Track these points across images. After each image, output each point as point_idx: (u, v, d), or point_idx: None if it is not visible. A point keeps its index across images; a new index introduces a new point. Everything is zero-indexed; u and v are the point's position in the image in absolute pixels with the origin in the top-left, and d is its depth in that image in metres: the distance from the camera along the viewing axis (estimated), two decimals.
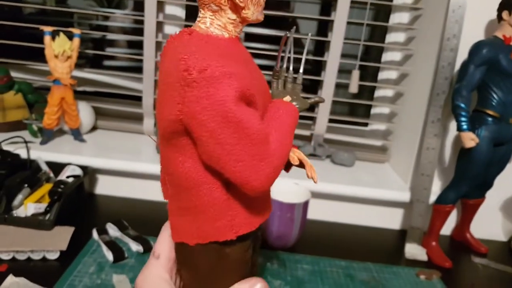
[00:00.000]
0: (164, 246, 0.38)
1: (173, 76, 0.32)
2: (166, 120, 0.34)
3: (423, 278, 0.77)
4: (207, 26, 0.36)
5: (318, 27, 1.17)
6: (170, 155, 0.35)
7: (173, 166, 0.35)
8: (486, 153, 0.80)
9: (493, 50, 0.78)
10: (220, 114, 0.31)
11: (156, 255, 0.36)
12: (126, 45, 1.21)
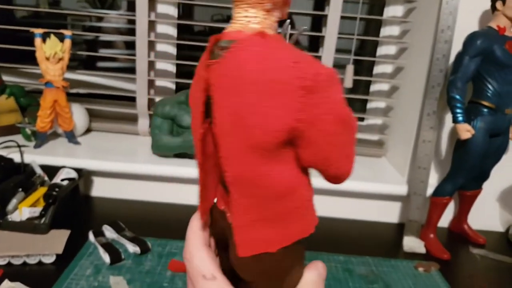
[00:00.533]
0: (212, 265, 0.33)
1: (270, 85, 0.30)
2: (273, 131, 0.30)
3: (422, 271, 0.77)
4: (263, 26, 0.34)
5: (312, 23, 1.16)
6: (262, 168, 0.33)
7: (265, 178, 0.32)
8: (482, 144, 0.80)
9: (488, 41, 0.77)
10: (338, 116, 0.30)
11: (210, 277, 0.32)
12: (119, 46, 1.20)
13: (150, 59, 1.02)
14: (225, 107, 0.30)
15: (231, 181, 0.32)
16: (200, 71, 0.31)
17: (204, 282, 0.32)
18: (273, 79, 0.30)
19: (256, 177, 0.32)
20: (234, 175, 0.32)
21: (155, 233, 0.80)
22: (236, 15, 0.32)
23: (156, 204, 0.95)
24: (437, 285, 0.73)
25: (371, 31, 1.15)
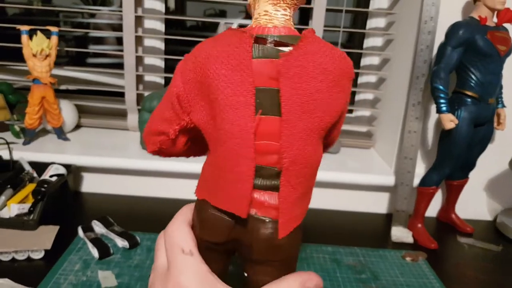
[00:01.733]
0: (191, 242, 0.33)
1: (334, 74, 0.33)
2: (332, 117, 0.35)
3: (409, 260, 0.78)
4: (292, 23, 0.36)
5: (299, 16, 1.16)
6: (317, 149, 0.35)
7: (315, 158, 0.35)
8: (466, 133, 0.81)
9: (469, 31, 0.78)
10: None
11: (187, 252, 0.32)
12: (109, 42, 1.20)
13: (138, 54, 1.02)
14: (296, 94, 0.32)
15: (288, 165, 0.33)
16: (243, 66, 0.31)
17: (182, 256, 0.32)
18: (339, 68, 0.34)
19: (308, 157, 0.34)
20: (292, 159, 0.33)
21: (144, 227, 0.81)
22: (274, 12, 0.34)
23: (145, 198, 0.95)
24: (424, 274, 0.74)
25: (359, 23, 1.15)
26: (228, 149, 0.32)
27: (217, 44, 0.32)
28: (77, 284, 0.63)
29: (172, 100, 0.34)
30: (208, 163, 0.35)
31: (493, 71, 0.79)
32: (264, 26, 0.33)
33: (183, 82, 0.33)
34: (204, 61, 0.32)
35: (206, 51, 0.32)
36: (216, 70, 0.31)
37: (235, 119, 0.31)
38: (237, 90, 0.31)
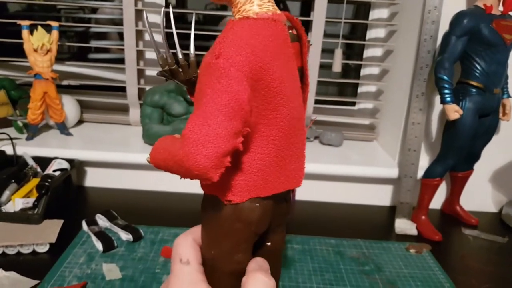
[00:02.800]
0: (190, 253, 0.35)
1: None
2: None
3: (413, 252, 0.78)
4: None
5: (301, 8, 1.15)
6: None
7: None
8: (471, 124, 0.80)
9: (474, 20, 0.77)
10: None
11: (184, 261, 0.34)
12: (111, 37, 1.20)
13: (139, 48, 1.02)
14: (307, 69, 0.37)
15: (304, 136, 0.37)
16: (288, 49, 0.34)
17: (179, 265, 0.34)
18: None
19: None
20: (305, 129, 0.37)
21: (147, 221, 0.81)
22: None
23: (148, 192, 0.95)
24: (429, 266, 0.74)
25: (361, 15, 1.14)
26: (286, 128, 0.34)
27: (258, 37, 0.31)
28: (82, 276, 0.63)
29: (242, 107, 0.31)
30: (255, 159, 0.34)
31: (499, 60, 0.78)
32: (275, 13, 0.33)
33: (249, 84, 0.31)
34: (256, 57, 0.31)
35: (253, 46, 0.31)
36: (269, 62, 0.31)
37: (291, 101, 0.33)
38: (290, 76, 0.33)
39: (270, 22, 0.32)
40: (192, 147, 0.29)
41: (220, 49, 0.30)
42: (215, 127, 0.29)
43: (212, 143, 0.29)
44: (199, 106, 0.30)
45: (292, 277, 0.67)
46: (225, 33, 0.31)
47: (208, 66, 0.30)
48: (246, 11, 0.33)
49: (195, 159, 0.29)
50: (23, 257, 0.68)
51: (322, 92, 1.17)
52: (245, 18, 0.32)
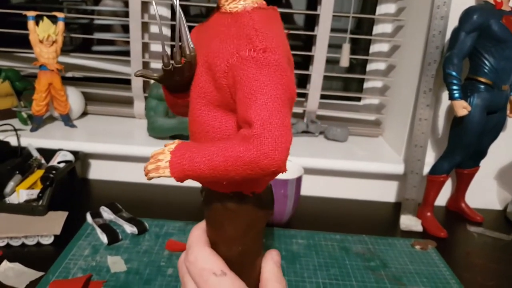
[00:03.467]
0: (219, 262, 0.32)
1: None
2: None
3: (418, 248, 0.78)
4: None
5: (307, 2, 1.15)
6: None
7: None
8: (479, 121, 0.80)
9: (484, 16, 0.76)
10: None
11: (220, 273, 0.31)
12: (116, 29, 1.19)
13: (144, 40, 1.01)
14: None
15: None
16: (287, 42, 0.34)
17: (215, 279, 0.31)
18: None
19: None
20: None
21: (152, 214, 0.81)
22: None
23: (153, 185, 0.95)
24: (434, 262, 0.74)
25: (368, 9, 1.13)
26: None
27: (279, 26, 0.32)
28: (87, 269, 0.63)
29: (293, 96, 0.31)
30: None
31: (508, 57, 0.77)
32: (265, 3, 0.34)
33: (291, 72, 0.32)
34: (286, 46, 0.32)
35: (281, 36, 0.32)
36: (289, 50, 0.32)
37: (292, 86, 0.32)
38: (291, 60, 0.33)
39: (275, 11, 0.33)
40: (269, 145, 0.28)
41: (261, 42, 0.30)
42: (283, 120, 0.29)
43: (285, 136, 0.29)
44: (255, 102, 0.29)
45: (297, 272, 0.67)
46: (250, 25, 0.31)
47: (254, 61, 0.30)
48: (244, 0, 0.33)
49: (273, 156, 0.28)
50: (27, 249, 0.68)
51: (327, 87, 1.16)
52: (257, 9, 0.32)
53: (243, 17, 0.31)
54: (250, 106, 0.29)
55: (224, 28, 0.33)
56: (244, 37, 0.30)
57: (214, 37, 0.33)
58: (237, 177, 0.30)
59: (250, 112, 0.29)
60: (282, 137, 0.29)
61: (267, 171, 0.29)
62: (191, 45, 0.34)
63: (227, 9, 0.33)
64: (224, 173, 0.30)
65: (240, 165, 0.29)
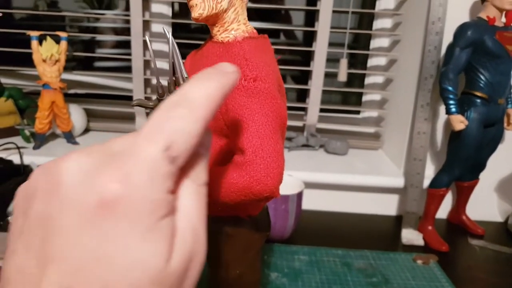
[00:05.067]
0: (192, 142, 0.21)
1: None
2: None
3: (420, 263, 0.78)
4: None
5: (305, 18, 1.16)
6: None
7: None
8: (476, 135, 0.80)
9: (478, 32, 0.77)
10: None
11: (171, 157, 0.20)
12: (115, 45, 1.21)
13: (146, 58, 1.03)
14: None
15: None
16: None
17: None
18: None
19: None
20: None
21: None
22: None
23: None
24: (436, 277, 0.74)
25: (364, 24, 1.15)
26: None
27: (269, 54, 0.34)
28: None
29: (284, 122, 0.32)
30: None
31: (503, 71, 0.79)
32: (255, 32, 0.35)
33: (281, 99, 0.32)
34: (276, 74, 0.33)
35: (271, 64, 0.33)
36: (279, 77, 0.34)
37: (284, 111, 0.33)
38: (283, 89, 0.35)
39: (265, 39, 0.34)
40: (262, 171, 0.29)
41: (252, 71, 0.31)
42: (275, 146, 0.30)
43: (277, 162, 0.30)
44: (247, 130, 0.30)
45: None
46: (241, 55, 0.32)
47: (245, 90, 0.31)
48: (235, 29, 0.34)
49: (266, 182, 0.29)
50: None
51: (326, 100, 1.18)
52: (247, 38, 0.33)
53: (234, 47, 0.32)
54: (242, 134, 0.30)
55: (216, 57, 0.34)
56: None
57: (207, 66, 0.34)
58: (231, 203, 0.30)
59: (242, 139, 0.30)
60: (274, 163, 0.30)
61: (260, 196, 0.29)
62: (185, 75, 0.35)
63: (219, 38, 0.34)
64: (218, 199, 0.30)
65: (234, 191, 0.30)
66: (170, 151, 0.19)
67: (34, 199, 0.19)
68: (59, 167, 0.19)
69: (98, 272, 0.17)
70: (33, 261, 0.18)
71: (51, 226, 0.18)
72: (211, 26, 0.35)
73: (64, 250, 0.17)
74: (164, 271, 0.18)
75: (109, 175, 0.18)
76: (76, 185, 0.18)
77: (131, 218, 0.18)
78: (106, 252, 0.17)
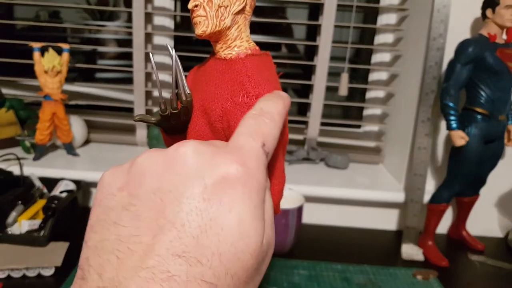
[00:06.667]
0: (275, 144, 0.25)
1: None
2: None
3: (420, 278, 0.77)
4: None
5: (307, 32, 1.17)
6: None
7: None
8: (476, 150, 0.81)
9: (479, 48, 0.78)
10: None
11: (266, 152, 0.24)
12: (117, 57, 1.22)
13: (148, 70, 1.03)
14: None
15: None
16: None
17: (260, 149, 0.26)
18: None
19: None
20: None
21: None
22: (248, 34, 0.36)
23: None
24: None
25: (367, 39, 1.16)
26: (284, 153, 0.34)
27: (271, 71, 0.34)
28: None
29: (286, 140, 0.33)
30: None
31: (503, 88, 0.79)
32: (258, 48, 0.35)
33: None
34: None
35: (273, 81, 0.33)
36: None
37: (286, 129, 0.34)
38: None
39: (268, 56, 0.34)
40: None
41: (254, 89, 0.31)
42: (280, 171, 0.31)
43: (278, 179, 0.31)
44: None
45: None
46: (243, 72, 0.32)
47: (248, 107, 0.31)
48: (238, 46, 0.34)
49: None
50: (28, 281, 0.68)
51: (327, 113, 1.18)
52: (250, 55, 0.33)
53: (237, 63, 0.33)
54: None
55: (219, 73, 0.34)
56: (238, 83, 0.32)
57: (210, 82, 0.34)
58: None
59: None
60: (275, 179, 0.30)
61: None
62: (187, 91, 0.35)
63: (221, 55, 0.34)
64: None
65: None
66: (265, 147, 0.24)
67: (145, 179, 0.21)
68: (177, 151, 0.22)
69: (212, 239, 0.19)
70: (145, 230, 0.20)
71: (171, 199, 0.20)
72: (214, 43, 0.35)
73: (186, 217, 0.20)
74: (260, 247, 0.21)
75: (231, 159, 0.21)
76: (198, 163, 0.21)
77: (246, 194, 0.21)
78: (221, 221, 0.20)
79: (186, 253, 0.19)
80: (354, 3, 0.97)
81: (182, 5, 1.11)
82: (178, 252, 0.19)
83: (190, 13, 0.34)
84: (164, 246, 0.19)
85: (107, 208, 0.22)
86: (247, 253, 0.20)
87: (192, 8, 0.33)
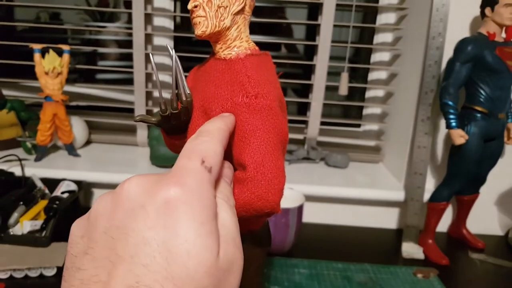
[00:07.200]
0: (218, 158, 0.26)
1: None
2: None
3: (421, 277, 0.78)
4: None
5: (306, 31, 1.18)
6: None
7: None
8: (476, 149, 0.81)
9: (478, 47, 0.78)
10: None
11: (208, 167, 0.24)
12: (117, 58, 1.22)
13: (148, 71, 1.03)
14: None
15: None
16: None
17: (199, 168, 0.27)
18: None
19: None
20: None
21: None
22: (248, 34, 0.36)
23: None
24: None
25: (366, 38, 1.16)
26: None
27: (271, 71, 0.34)
28: None
29: (286, 138, 0.33)
30: None
31: (503, 86, 0.79)
32: (257, 48, 0.36)
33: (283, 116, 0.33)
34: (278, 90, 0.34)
35: (273, 81, 0.33)
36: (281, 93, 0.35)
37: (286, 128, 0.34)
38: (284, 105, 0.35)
39: (267, 56, 0.34)
40: (263, 187, 0.30)
41: (253, 88, 0.31)
42: (276, 163, 0.31)
43: (278, 178, 0.30)
44: (249, 146, 0.30)
45: None
46: (243, 72, 0.32)
47: (247, 106, 0.31)
48: (238, 47, 0.34)
49: (267, 198, 0.30)
50: (30, 281, 0.68)
51: (327, 113, 1.18)
52: (249, 55, 0.33)
53: (236, 64, 0.33)
54: (244, 150, 0.30)
55: (219, 74, 0.34)
56: (237, 83, 0.32)
57: (209, 82, 0.35)
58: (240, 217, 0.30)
59: (244, 155, 0.30)
60: (275, 179, 0.30)
61: (261, 212, 0.30)
62: (187, 91, 0.35)
63: (221, 55, 0.34)
64: None
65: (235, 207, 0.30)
66: (205, 163, 0.24)
67: (98, 221, 0.22)
68: (121, 188, 0.23)
69: (161, 264, 0.20)
70: (101, 269, 0.21)
71: (119, 234, 0.21)
72: (213, 43, 0.35)
73: (134, 248, 0.20)
74: (215, 264, 0.21)
75: (168, 183, 0.22)
76: (140, 194, 0.22)
77: (189, 214, 0.21)
78: (169, 244, 0.20)
79: (139, 283, 0.19)
80: (353, 3, 0.97)
81: (181, 5, 1.11)
82: (132, 284, 0.19)
83: (189, 14, 0.34)
84: (119, 280, 0.19)
85: (72, 257, 0.23)
86: (201, 272, 0.20)
87: (192, 9, 0.33)
